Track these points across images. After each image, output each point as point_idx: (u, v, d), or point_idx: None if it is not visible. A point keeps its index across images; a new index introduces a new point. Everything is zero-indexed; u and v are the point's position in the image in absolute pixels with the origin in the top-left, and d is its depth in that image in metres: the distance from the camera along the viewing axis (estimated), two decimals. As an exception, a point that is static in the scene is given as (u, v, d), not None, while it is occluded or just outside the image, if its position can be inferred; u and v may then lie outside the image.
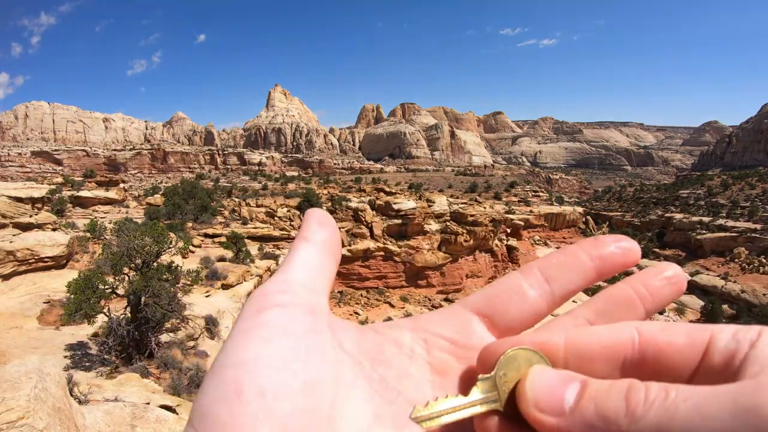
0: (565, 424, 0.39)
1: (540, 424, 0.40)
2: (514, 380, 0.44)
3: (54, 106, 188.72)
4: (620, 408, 0.36)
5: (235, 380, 0.35)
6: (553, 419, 0.40)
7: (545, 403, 0.41)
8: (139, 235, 13.61)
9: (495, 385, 0.45)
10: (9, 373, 4.45)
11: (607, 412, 0.37)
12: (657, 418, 0.34)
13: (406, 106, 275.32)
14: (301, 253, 0.43)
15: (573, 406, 0.39)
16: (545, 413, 0.40)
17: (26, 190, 32.79)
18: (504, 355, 0.45)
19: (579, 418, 0.38)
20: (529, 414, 0.41)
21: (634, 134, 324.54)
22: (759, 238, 70.25)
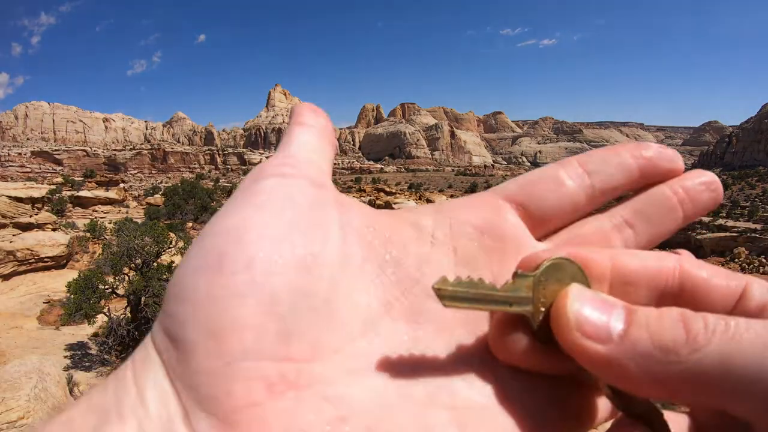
0: (615, 354, 0.32)
1: (583, 352, 0.33)
2: (553, 293, 0.37)
3: (54, 106, 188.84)
4: (679, 336, 0.31)
5: (217, 249, 0.28)
6: (601, 347, 0.33)
7: (591, 327, 0.33)
8: (139, 235, 13.63)
9: (532, 289, 0.37)
10: (9, 373, 4.46)
11: (664, 340, 0.32)
12: (721, 346, 0.30)
13: (406, 106, 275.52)
14: (299, 135, 0.39)
15: (622, 333, 0.33)
16: (591, 339, 0.33)
17: (26, 190, 32.79)
18: (550, 260, 0.38)
19: (631, 347, 0.32)
20: (570, 339, 0.34)
21: (634, 134, 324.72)
22: (759, 238, 70.28)
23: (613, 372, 0.33)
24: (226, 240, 0.28)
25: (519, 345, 0.36)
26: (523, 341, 0.36)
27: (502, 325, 0.37)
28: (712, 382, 0.30)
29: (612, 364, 0.32)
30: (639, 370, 0.32)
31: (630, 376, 0.32)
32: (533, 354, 0.36)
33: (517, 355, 0.36)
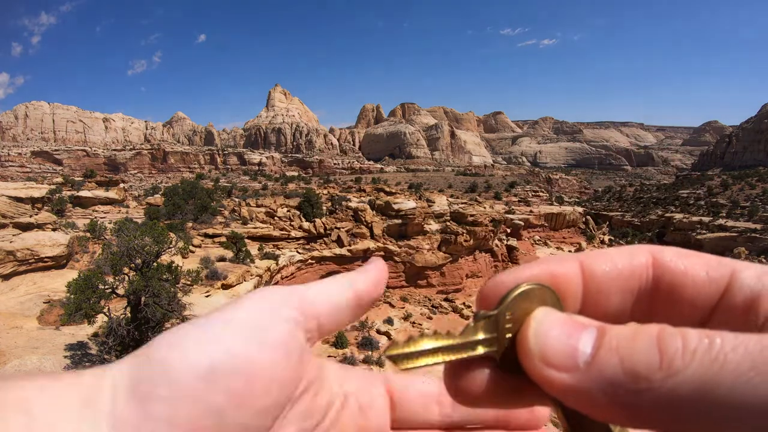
0: (581, 383, 0.30)
1: (547, 383, 0.31)
2: (521, 320, 0.35)
3: (54, 106, 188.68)
4: (652, 359, 0.28)
5: None
6: (566, 376, 0.30)
7: (555, 356, 0.31)
8: (139, 235, 13.61)
9: (496, 327, 0.35)
10: (9, 373, 4.45)
11: (635, 365, 0.28)
12: (702, 370, 0.26)
13: (406, 106, 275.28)
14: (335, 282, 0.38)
15: (590, 359, 0.30)
16: (554, 369, 0.31)
17: (26, 190, 32.80)
18: (514, 290, 0.35)
19: (598, 374, 0.29)
20: (534, 369, 0.32)
21: (634, 134, 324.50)
22: (759, 238, 70.27)
23: (581, 401, 0.30)
24: None
25: (480, 385, 0.34)
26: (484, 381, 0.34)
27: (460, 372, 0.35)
28: (689, 411, 0.26)
29: (579, 394, 0.30)
30: (608, 399, 0.29)
31: (598, 405, 0.29)
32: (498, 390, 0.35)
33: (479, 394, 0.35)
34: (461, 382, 0.35)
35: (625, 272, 0.34)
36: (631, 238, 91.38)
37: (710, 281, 0.32)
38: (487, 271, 49.75)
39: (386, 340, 32.42)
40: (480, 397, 0.35)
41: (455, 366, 0.35)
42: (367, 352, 29.54)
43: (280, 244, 37.46)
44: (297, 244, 38.72)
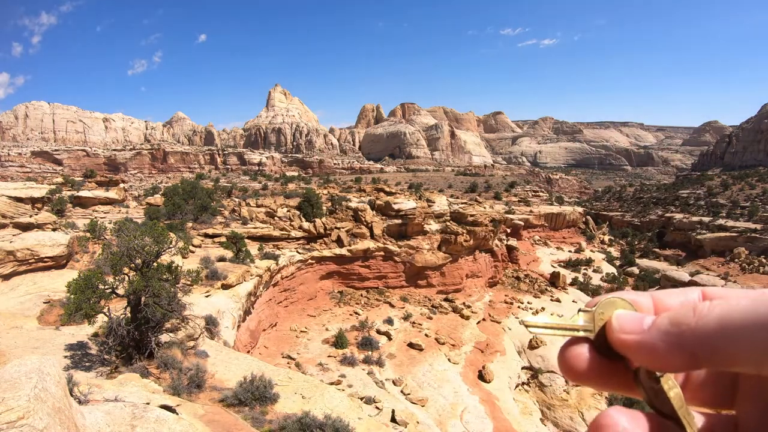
0: (645, 338, 0.51)
1: (624, 344, 0.53)
2: (608, 316, 0.58)
3: (54, 106, 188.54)
4: (688, 312, 0.49)
5: None
6: (635, 336, 0.52)
7: (628, 326, 0.54)
8: (139, 235, 13.61)
9: (593, 319, 0.59)
10: (9, 373, 4.45)
11: (677, 317, 0.50)
12: (721, 311, 0.46)
13: (406, 106, 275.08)
14: None
15: (651, 323, 0.53)
16: (627, 333, 0.53)
17: (26, 190, 32.78)
18: (605, 297, 0.60)
19: (656, 330, 0.51)
20: (615, 337, 0.54)
21: (634, 134, 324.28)
22: (759, 238, 70.23)
23: (646, 351, 0.53)
24: None
25: (582, 359, 0.57)
26: (585, 356, 0.57)
27: (568, 347, 0.58)
28: (716, 335, 0.47)
29: (644, 346, 0.53)
30: (662, 343, 0.51)
31: (657, 351, 0.52)
32: (595, 366, 0.57)
33: (582, 369, 0.58)
34: (569, 361, 0.56)
35: (683, 302, 0.55)
36: (631, 238, 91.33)
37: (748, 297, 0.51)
38: (487, 271, 49.68)
39: (386, 340, 32.41)
40: (582, 374, 0.57)
41: (564, 350, 0.57)
42: (367, 352, 29.52)
43: (280, 244, 37.44)
44: (297, 244, 38.70)
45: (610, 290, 57.74)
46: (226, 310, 21.08)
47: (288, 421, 11.17)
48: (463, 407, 25.82)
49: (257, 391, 12.67)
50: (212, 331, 18.54)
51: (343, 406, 13.95)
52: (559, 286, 53.01)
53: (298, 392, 14.29)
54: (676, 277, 64.18)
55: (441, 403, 25.73)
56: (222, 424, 9.89)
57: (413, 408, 24.00)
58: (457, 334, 35.23)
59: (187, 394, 12.12)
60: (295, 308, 35.55)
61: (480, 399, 27.18)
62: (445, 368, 29.73)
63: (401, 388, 26.39)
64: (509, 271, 55.64)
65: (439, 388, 27.18)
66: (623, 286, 60.60)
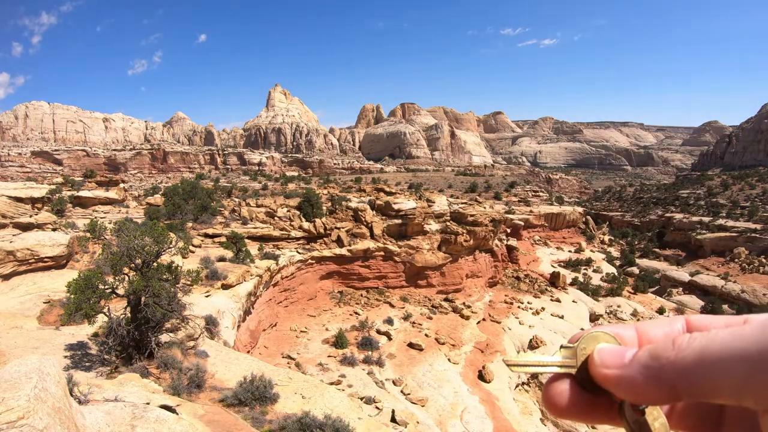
0: (625, 372, 0.52)
1: (605, 378, 0.53)
2: (591, 351, 0.59)
3: (54, 106, 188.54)
4: (668, 346, 0.49)
5: None
6: (616, 370, 0.53)
7: (609, 360, 0.54)
8: (139, 235, 13.61)
9: (575, 354, 0.59)
10: (9, 373, 4.45)
11: (657, 351, 0.50)
12: (699, 344, 0.47)
13: (406, 106, 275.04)
14: None
15: (632, 357, 0.53)
16: (609, 368, 0.54)
17: (26, 190, 32.78)
18: (587, 333, 0.60)
19: (636, 363, 0.51)
20: (596, 371, 0.54)
21: (634, 134, 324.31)
22: (759, 238, 70.22)
23: (626, 385, 0.54)
24: None
25: (565, 395, 0.57)
26: (567, 391, 0.57)
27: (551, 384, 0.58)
28: (694, 369, 0.47)
29: (624, 380, 0.53)
30: (642, 377, 0.52)
31: (638, 385, 0.52)
32: (578, 401, 0.57)
33: (565, 404, 0.58)
34: (552, 398, 0.56)
35: (666, 332, 0.56)
36: (631, 238, 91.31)
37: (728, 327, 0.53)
38: (487, 271, 49.69)
39: (386, 340, 32.41)
40: (566, 409, 0.57)
41: (547, 386, 0.57)
42: (367, 352, 29.50)
43: (280, 244, 37.44)
44: (297, 244, 38.70)
45: (611, 290, 57.75)
46: (226, 310, 21.08)
47: (288, 421, 11.17)
48: (463, 407, 25.82)
49: (257, 391, 12.67)
50: (212, 331, 18.54)
51: (343, 406, 13.95)
52: (559, 286, 53.01)
53: (298, 392, 14.29)
54: (676, 277, 64.15)
55: (441, 403, 25.73)
56: (222, 424, 9.89)
57: (413, 408, 23.99)
58: (457, 334, 35.23)
59: (187, 394, 12.12)
60: (295, 308, 35.55)
61: (480, 399, 27.18)
62: (445, 368, 29.73)
63: (401, 388, 26.39)
64: (509, 271, 55.64)
65: (439, 388, 27.17)
66: (623, 286, 60.56)
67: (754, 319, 0.51)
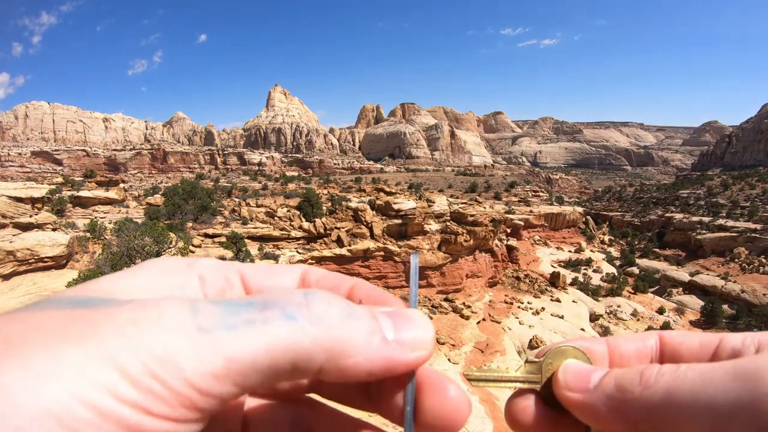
0: (589, 399, 0.49)
1: (568, 401, 0.51)
2: (557, 367, 0.54)
3: (54, 106, 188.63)
4: (635, 379, 0.46)
5: None
6: (579, 395, 0.50)
7: (573, 384, 0.51)
8: (139, 235, 13.62)
9: (540, 370, 0.55)
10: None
11: (623, 382, 0.47)
12: (667, 383, 0.43)
13: (406, 106, 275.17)
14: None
15: (596, 383, 0.50)
16: (573, 391, 0.50)
17: (26, 190, 32.76)
18: (555, 347, 0.56)
19: (600, 392, 0.48)
20: (560, 393, 0.51)
21: (634, 134, 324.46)
22: (759, 238, 70.20)
23: (589, 413, 0.50)
24: None
25: (528, 412, 0.54)
26: (531, 408, 0.53)
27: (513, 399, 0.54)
28: (659, 411, 0.44)
29: (587, 407, 0.50)
30: (605, 408, 0.48)
31: (600, 414, 0.49)
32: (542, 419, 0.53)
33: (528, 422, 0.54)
34: (515, 414, 0.53)
35: (638, 347, 0.54)
36: (631, 238, 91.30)
37: (702, 347, 0.50)
38: (487, 270, 49.67)
39: (386, 340, 32.36)
40: (529, 428, 0.54)
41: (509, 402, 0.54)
42: (367, 352, 29.49)
43: (280, 244, 37.44)
44: (297, 244, 38.71)
45: (611, 290, 57.72)
46: (226, 310, 21.04)
47: (288, 421, 11.14)
48: (463, 407, 25.78)
49: (257, 391, 12.64)
50: (212, 331, 18.51)
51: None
52: (559, 286, 53.01)
53: (298, 392, 14.25)
54: (676, 277, 64.15)
55: (441, 403, 25.68)
56: (222, 424, 9.86)
57: (413, 408, 23.94)
58: (457, 334, 35.24)
59: (187, 394, 12.10)
60: (295, 308, 35.52)
61: (480, 399, 27.17)
62: (445, 368, 29.73)
63: (401, 388, 26.35)
64: (509, 271, 55.64)
65: (439, 388, 27.14)
66: (623, 286, 60.56)
67: (727, 344, 0.48)
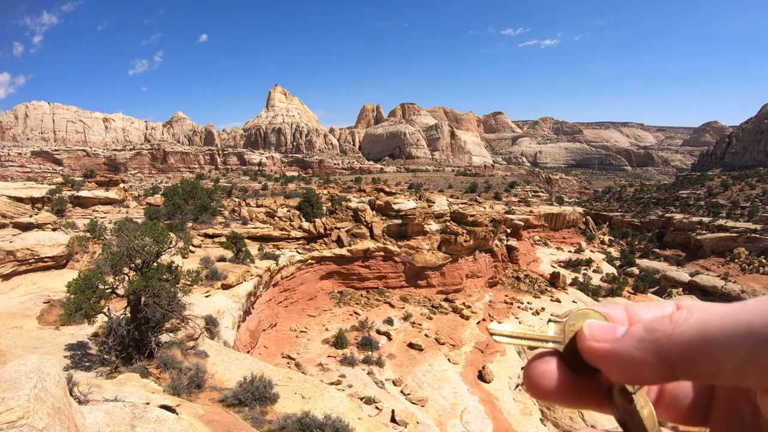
0: (618, 346, 0.47)
1: (595, 353, 0.49)
2: (580, 327, 0.54)
3: (54, 106, 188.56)
4: (665, 321, 0.46)
5: None
6: (607, 344, 0.48)
7: (600, 334, 0.50)
8: (139, 235, 13.61)
9: (563, 330, 0.55)
10: (9, 373, 4.45)
11: (653, 325, 0.46)
12: (699, 318, 0.43)
13: (406, 106, 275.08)
14: None
15: (624, 331, 0.49)
16: (599, 341, 0.49)
17: (26, 190, 32.76)
18: (577, 310, 0.56)
19: (629, 337, 0.47)
20: (586, 345, 0.50)
21: (634, 134, 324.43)
22: (759, 239, 70.21)
23: (619, 361, 0.48)
24: None
25: (550, 375, 0.52)
26: (554, 371, 0.52)
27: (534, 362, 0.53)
28: (693, 345, 0.43)
29: (617, 355, 0.48)
30: (637, 352, 0.47)
31: (631, 360, 0.47)
32: (564, 383, 0.52)
33: (550, 385, 0.52)
34: (535, 378, 0.52)
35: (656, 314, 0.52)
36: (631, 239, 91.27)
37: None
38: (487, 271, 49.67)
39: (386, 341, 32.40)
40: (550, 391, 0.52)
41: (530, 365, 0.52)
42: (367, 352, 29.50)
43: (280, 244, 37.44)
44: (297, 244, 38.70)
45: (611, 291, 57.71)
46: (226, 310, 21.08)
47: (288, 421, 11.17)
48: (463, 407, 25.82)
49: (257, 391, 12.67)
50: (212, 331, 18.54)
51: (342, 406, 13.95)
52: (559, 287, 53.01)
53: (298, 392, 14.29)
54: (676, 277, 64.13)
55: (441, 403, 25.72)
56: (222, 424, 9.88)
57: (413, 408, 23.99)
58: (457, 334, 35.22)
59: (187, 394, 12.12)
60: (295, 308, 35.55)
61: (480, 399, 27.18)
62: (445, 368, 29.73)
63: (401, 389, 26.39)
64: (509, 271, 55.63)
65: (438, 389, 27.17)
66: (623, 286, 60.53)
67: (752, 299, 0.47)
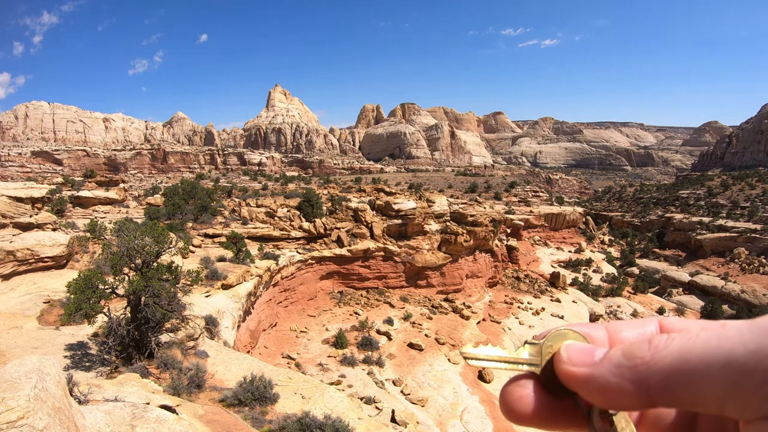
0: (595, 371, 0.46)
1: (572, 377, 0.47)
2: (557, 349, 0.52)
3: (54, 106, 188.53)
4: (643, 345, 0.45)
5: None
6: (585, 369, 0.47)
7: (577, 358, 0.48)
8: (139, 235, 13.60)
9: (540, 352, 0.53)
10: (9, 373, 4.45)
11: (632, 350, 0.45)
12: (679, 345, 0.42)
13: (406, 106, 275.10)
14: None
15: (602, 356, 0.48)
16: (577, 366, 0.48)
17: (26, 190, 32.74)
18: (555, 331, 0.54)
19: (607, 362, 0.46)
20: (563, 369, 0.48)
21: (634, 134, 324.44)
22: (759, 239, 70.23)
23: (596, 387, 0.47)
24: None
25: (527, 399, 0.51)
26: (530, 394, 0.50)
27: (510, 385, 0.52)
28: (672, 373, 0.42)
29: (594, 380, 0.47)
30: (614, 378, 0.46)
31: (608, 386, 0.46)
32: (541, 406, 0.51)
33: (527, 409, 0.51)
34: (511, 402, 0.50)
35: (639, 333, 0.52)
36: (631, 238, 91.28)
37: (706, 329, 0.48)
38: (487, 271, 49.67)
39: (386, 341, 32.40)
40: (527, 415, 0.50)
41: (506, 388, 0.51)
42: (367, 352, 29.49)
43: (280, 244, 37.43)
44: (297, 244, 38.69)
45: (611, 290, 57.72)
46: (226, 310, 21.08)
47: (288, 421, 11.17)
48: (463, 407, 25.82)
49: (257, 391, 12.67)
50: (212, 331, 18.53)
51: (343, 406, 13.95)
52: (559, 287, 53.01)
53: (298, 392, 14.29)
54: (676, 277, 64.14)
55: (441, 403, 25.72)
56: (222, 424, 9.88)
57: (413, 408, 23.99)
58: (457, 334, 35.22)
59: (187, 394, 12.12)
60: (295, 308, 35.54)
61: (480, 399, 27.17)
62: (445, 368, 29.72)
63: (401, 389, 26.39)
64: (509, 271, 55.63)
65: (439, 389, 27.17)
66: (623, 286, 60.54)
67: (733, 323, 0.46)
